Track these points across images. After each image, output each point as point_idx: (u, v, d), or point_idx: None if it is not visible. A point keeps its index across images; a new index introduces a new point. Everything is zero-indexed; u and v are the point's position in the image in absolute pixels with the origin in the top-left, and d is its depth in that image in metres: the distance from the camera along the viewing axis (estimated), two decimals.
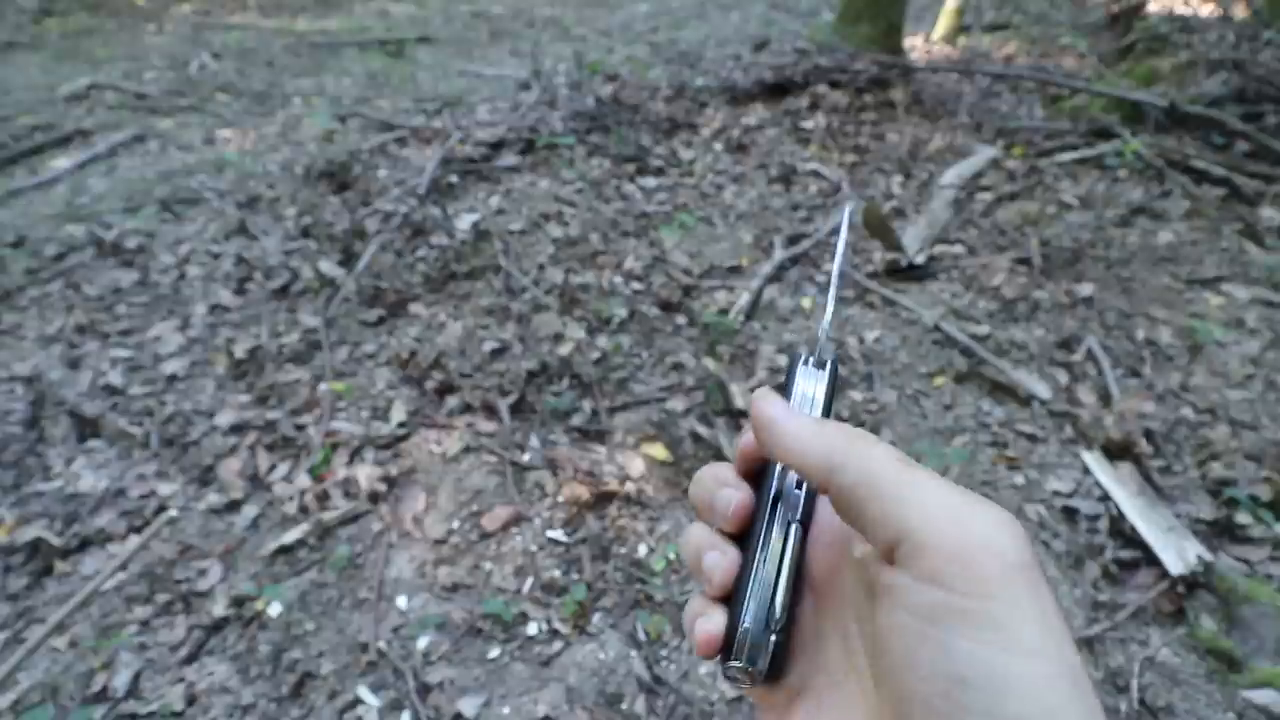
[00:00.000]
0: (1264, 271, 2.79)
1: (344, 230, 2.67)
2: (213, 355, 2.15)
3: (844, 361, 2.26)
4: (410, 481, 1.81)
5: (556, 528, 1.71)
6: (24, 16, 5.49)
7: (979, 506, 0.27)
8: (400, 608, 1.55)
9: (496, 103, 4.01)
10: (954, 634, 0.25)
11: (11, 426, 1.88)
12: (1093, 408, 2.14)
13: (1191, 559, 1.62)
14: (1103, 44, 5.47)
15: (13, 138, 3.49)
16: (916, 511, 0.27)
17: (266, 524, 1.71)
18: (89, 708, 1.35)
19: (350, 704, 1.38)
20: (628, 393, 2.10)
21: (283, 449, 1.87)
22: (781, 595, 0.33)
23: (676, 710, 1.39)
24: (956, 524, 0.26)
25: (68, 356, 2.12)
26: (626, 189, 3.15)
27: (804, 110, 3.96)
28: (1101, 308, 2.57)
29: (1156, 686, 1.46)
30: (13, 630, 1.47)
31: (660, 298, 2.47)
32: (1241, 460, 1.96)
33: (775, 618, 0.33)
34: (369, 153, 3.32)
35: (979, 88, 4.65)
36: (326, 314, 2.29)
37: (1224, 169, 3.36)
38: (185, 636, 1.48)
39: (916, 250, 2.81)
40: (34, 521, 1.66)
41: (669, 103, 3.91)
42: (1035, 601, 0.25)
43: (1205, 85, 3.97)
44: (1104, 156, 3.57)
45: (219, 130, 3.70)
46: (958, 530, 0.26)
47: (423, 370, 2.10)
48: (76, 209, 2.90)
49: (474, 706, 1.38)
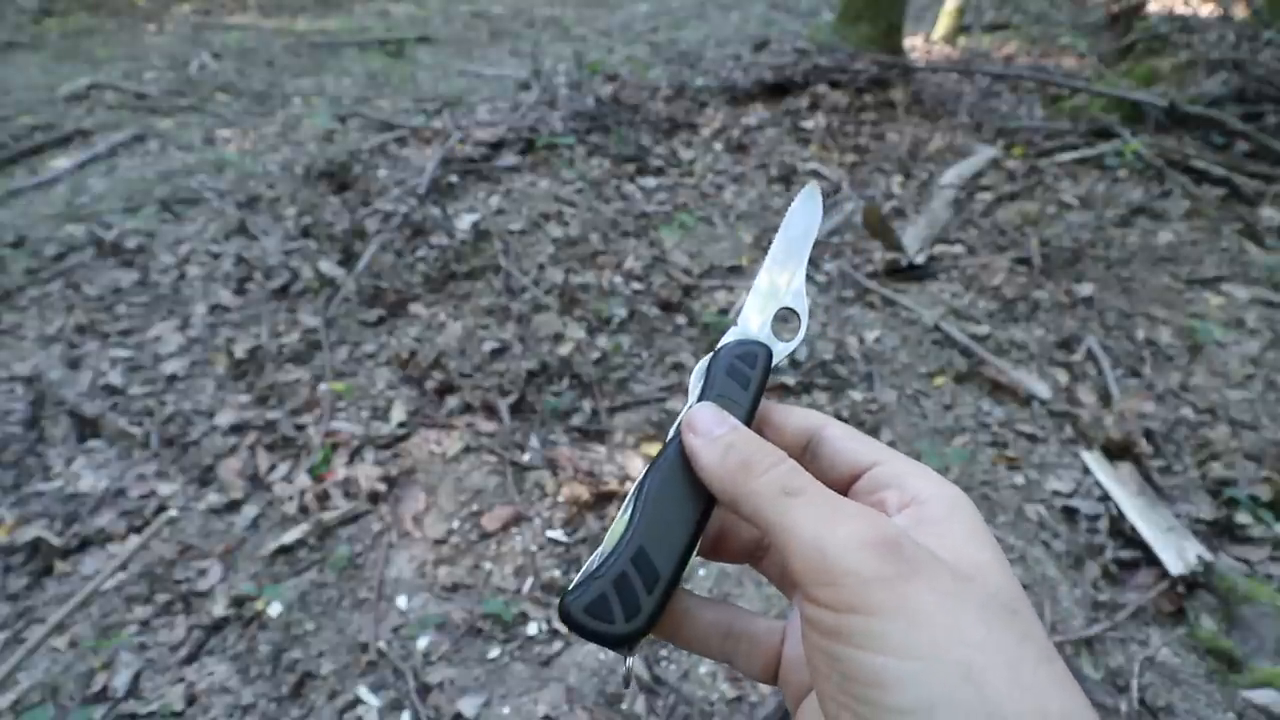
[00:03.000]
0: (1264, 271, 2.79)
1: (344, 230, 2.67)
2: (213, 355, 2.15)
3: (843, 361, 2.26)
4: (410, 481, 1.81)
5: (556, 528, 1.71)
6: (24, 16, 5.49)
7: (841, 525, 0.29)
8: (400, 608, 1.55)
9: (496, 103, 4.01)
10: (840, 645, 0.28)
11: (11, 426, 1.88)
12: (1093, 408, 2.14)
13: (1191, 559, 1.62)
14: (1103, 44, 5.47)
15: (13, 138, 3.49)
16: (789, 545, 0.30)
17: (266, 524, 1.71)
18: (89, 708, 1.35)
19: (350, 704, 1.38)
20: (628, 393, 2.10)
21: (283, 449, 1.87)
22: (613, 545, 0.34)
23: (676, 710, 1.39)
24: (820, 553, 0.29)
25: (68, 356, 2.12)
26: (626, 189, 3.15)
27: (804, 110, 3.96)
28: (1101, 308, 2.57)
29: (1156, 686, 1.46)
30: (13, 630, 1.47)
31: (660, 298, 2.47)
32: (1241, 460, 1.96)
33: (605, 560, 0.34)
34: (369, 153, 3.32)
35: (979, 88, 4.65)
36: (326, 314, 2.29)
37: (1224, 169, 3.36)
38: (185, 636, 1.48)
39: (916, 250, 2.81)
40: (34, 521, 1.66)
41: (669, 103, 3.91)
42: (904, 610, 0.27)
43: (1205, 85, 3.97)
44: (1104, 156, 3.57)
45: (219, 130, 3.70)
46: (820, 560, 0.29)
47: (423, 370, 2.10)
48: (76, 209, 2.90)
49: (474, 706, 1.38)
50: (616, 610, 0.33)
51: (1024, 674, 0.26)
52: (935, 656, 0.26)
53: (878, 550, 0.28)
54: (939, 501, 0.33)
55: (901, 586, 0.27)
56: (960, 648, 0.26)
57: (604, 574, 0.34)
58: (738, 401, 0.37)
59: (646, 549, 0.34)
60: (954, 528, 0.32)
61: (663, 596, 0.34)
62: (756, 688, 1.43)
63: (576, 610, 0.33)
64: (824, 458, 0.37)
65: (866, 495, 0.35)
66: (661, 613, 0.34)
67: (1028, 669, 0.26)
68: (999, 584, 0.29)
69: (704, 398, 0.37)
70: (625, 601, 0.33)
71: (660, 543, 0.34)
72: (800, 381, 2.16)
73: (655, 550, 0.34)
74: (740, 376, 0.37)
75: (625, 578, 0.33)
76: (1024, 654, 0.26)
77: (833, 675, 0.28)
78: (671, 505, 0.35)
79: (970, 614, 0.27)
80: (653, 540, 0.34)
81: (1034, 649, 0.27)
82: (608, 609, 0.33)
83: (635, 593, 0.33)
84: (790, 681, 0.36)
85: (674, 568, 0.34)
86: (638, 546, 0.34)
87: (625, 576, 0.33)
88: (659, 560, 0.34)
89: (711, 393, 0.37)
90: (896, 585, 0.27)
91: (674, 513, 0.35)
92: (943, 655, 0.26)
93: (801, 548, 0.29)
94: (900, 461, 0.35)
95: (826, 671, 0.28)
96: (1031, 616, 0.29)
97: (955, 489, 0.34)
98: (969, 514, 0.32)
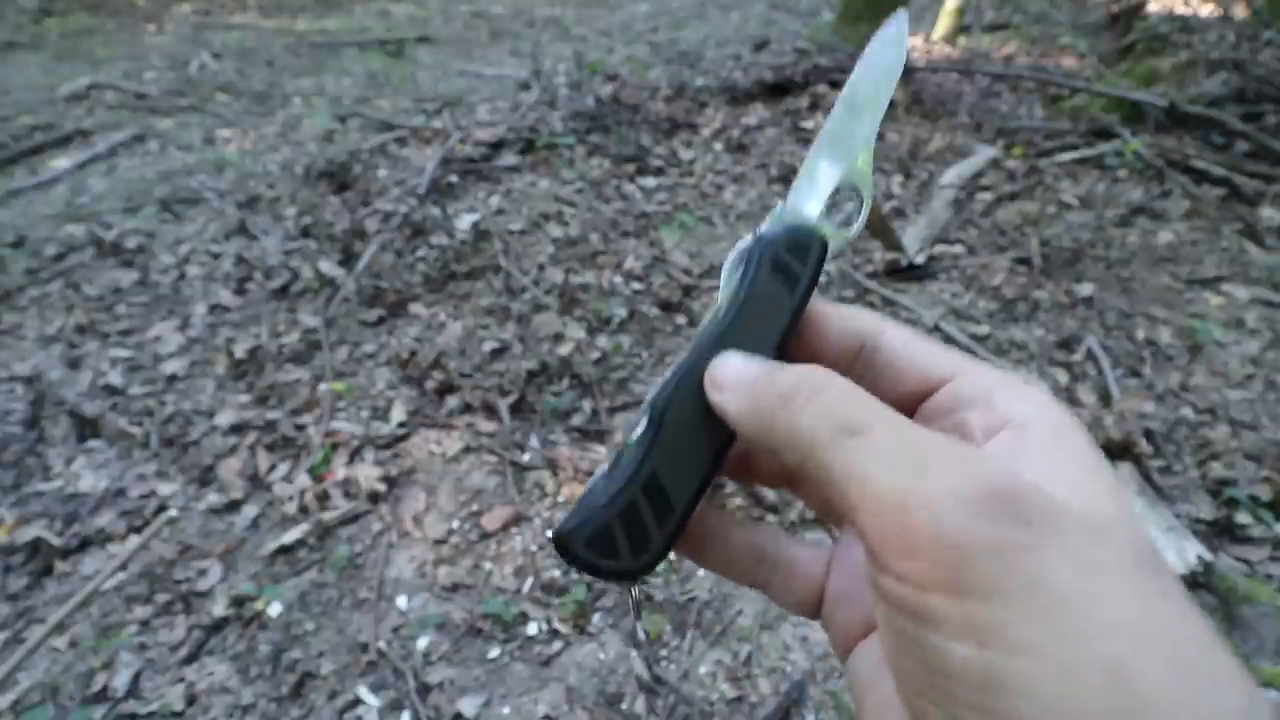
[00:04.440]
0: (1264, 271, 2.79)
1: (344, 230, 2.67)
2: (213, 355, 2.15)
3: None
4: (410, 481, 1.81)
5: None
6: (24, 16, 5.49)
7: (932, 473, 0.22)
8: (400, 608, 1.55)
9: (496, 103, 4.01)
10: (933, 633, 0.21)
11: (11, 426, 1.88)
12: (1093, 408, 2.14)
13: (1191, 559, 1.62)
14: (1103, 44, 5.47)
15: (13, 138, 3.49)
16: (858, 502, 0.23)
17: (266, 524, 1.71)
18: (89, 708, 1.35)
19: (350, 704, 1.38)
20: (628, 393, 2.10)
21: (283, 449, 1.87)
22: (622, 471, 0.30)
23: (676, 710, 1.39)
24: (903, 513, 0.22)
25: (68, 356, 2.12)
26: (626, 189, 3.15)
27: (804, 110, 3.96)
28: (1101, 308, 2.57)
29: None
30: (13, 630, 1.47)
31: (660, 298, 2.47)
32: (1241, 460, 1.96)
33: (613, 487, 0.30)
34: (369, 153, 3.32)
35: (979, 88, 4.65)
36: (326, 314, 2.29)
37: (1224, 169, 3.36)
38: (185, 636, 1.48)
39: (916, 250, 2.81)
40: (34, 521, 1.66)
41: (669, 103, 3.91)
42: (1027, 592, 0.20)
43: (1205, 85, 3.97)
44: (1104, 156, 3.57)
45: (219, 130, 3.70)
46: (903, 523, 0.22)
47: (423, 370, 2.10)
48: (76, 209, 2.90)
49: (474, 706, 1.38)
50: (622, 544, 0.29)
51: (1195, 663, 0.19)
52: (1072, 654, 0.19)
53: (989, 507, 0.21)
54: (1043, 423, 0.25)
55: (1023, 559, 0.20)
56: (1106, 640, 0.19)
57: (610, 503, 0.29)
58: (782, 306, 0.30)
59: (660, 477, 0.30)
60: (1069, 460, 0.24)
61: (675, 529, 0.30)
62: (757, 687, 1.43)
63: (577, 543, 0.29)
64: (882, 370, 0.30)
65: (943, 417, 0.28)
66: (672, 546, 0.30)
67: (1194, 652, 0.20)
68: (1134, 535, 0.22)
69: (741, 297, 0.30)
70: (632, 534, 0.29)
71: (676, 470, 0.30)
72: None
73: (670, 479, 0.30)
74: (788, 274, 0.31)
75: (634, 508, 0.29)
76: (1185, 629, 0.20)
77: (918, 668, 0.22)
78: (692, 428, 0.30)
79: (1117, 587, 0.20)
80: (667, 467, 0.30)
81: (1192, 618, 0.20)
82: (612, 542, 0.29)
83: (644, 525, 0.30)
84: (837, 620, 0.30)
85: (689, 499, 0.30)
86: (650, 472, 0.29)
87: (635, 506, 0.29)
88: (673, 490, 0.30)
89: (749, 293, 0.30)
90: (1018, 557, 0.20)
91: (694, 436, 0.30)
92: (1082, 651, 0.19)
93: (876, 506, 0.22)
94: (984, 372, 0.28)
95: (911, 663, 0.22)
96: (1170, 570, 0.22)
97: (1061, 406, 0.26)
98: (1083, 440, 0.25)
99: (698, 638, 1.51)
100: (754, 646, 1.50)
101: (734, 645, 1.50)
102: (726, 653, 1.49)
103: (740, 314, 0.30)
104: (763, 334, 0.30)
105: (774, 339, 0.30)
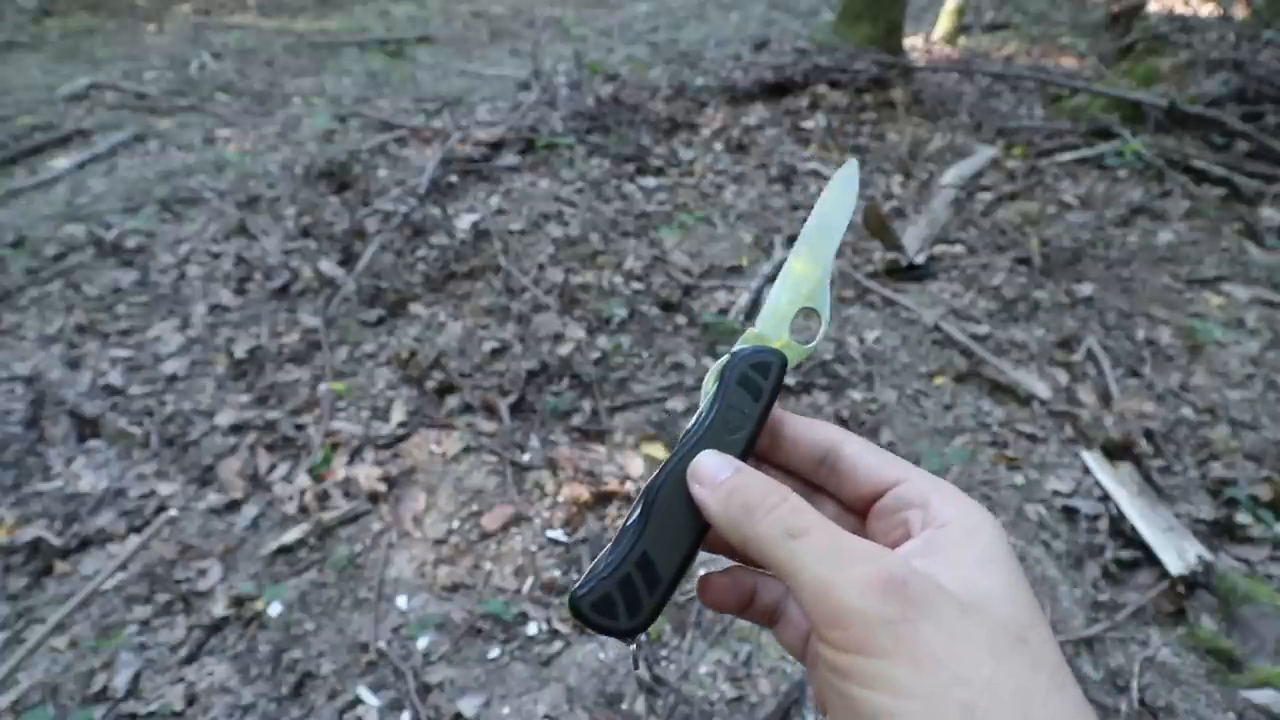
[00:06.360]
0: (1264, 271, 2.79)
1: (344, 230, 2.67)
2: (213, 355, 2.15)
3: (844, 361, 2.26)
4: (410, 481, 1.81)
5: (556, 528, 1.71)
6: (24, 16, 5.49)
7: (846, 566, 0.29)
8: (400, 608, 1.55)
9: (496, 103, 4.01)
10: (849, 684, 0.28)
11: (11, 426, 1.88)
12: (1093, 408, 2.14)
13: (1191, 559, 1.62)
14: (1103, 44, 5.47)
15: (13, 138, 3.49)
16: (797, 586, 0.30)
17: (266, 524, 1.71)
18: (89, 708, 1.35)
19: (350, 704, 1.38)
20: (628, 393, 2.10)
21: (283, 449, 1.87)
22: (620, 547, 0.37)
23: (676, 710, 1.39)
24: (826, 595, 0.29)
25: (68, 356, 2.12)
26: (626, 189, 3.15)
27: (804, 110, 3.96)
28: (1101, 308, 2.57)
29: (1156, 686, 1.46)
30: (13, 630, 1.47)
31: (660, 298, 2.47)
32: (1241, 460, 1.96)
33: (610, 563, 0.37)
34: (369, 153, 3.32)
35: (979, 88, 4.65)
36: (326, 314, 2.29)
37: (1224, 169, 3.36)
38: (185, 636, 1.48)
39: (916, 250, 2.81)
40: (34, 521, 1.66)
41: (669, 103, 3.91)
42: (908, 653, 0.27)
43: (1205, 85, 3.97)
44: (1104, 156, 3.57)
45: (219, 130, 3.70)
46: (827, 601, 0.29)
47: (423, 370, 2.10)
48: (76, 209, 2.90)
49: (474, 706, 1.38)
50: (620, 608, 0.36)
51: (1033, 708, 0.26)
52: (939, 697, 0.26)
53: (883, 591, 0.28)
54: (959, 525, 0.32)
55: (906, 629, 0.27)
56: (962, 687, 0.26)
57: (611, 574, 0.36)
58: (747, 414, 0.38)
59: (650, 554, 0.36)
60: (969, 553, 0.31)
61: (664, 596, 0.37)
62: (757, 687, 1.43)
63: (585, 607, 0.36)
64: (844, 474, 0.37)
65: (889, 515, 0.36)
66: (662, 609, 0.37)
67: (1037, 701, 0.26)
68: (1009, 612, 0.29)
69: (715, 406, 0.38)
70: (628, 600, 0.36)
71: (664, 549, 0.37)
72: (800, 382, 2.16)
73: (659, 555, 0.36)
74: (752, 386, 0.38)
75: (630, 579, 0.36)
76: (1034, 684, 0.26)
77: (842, 712, 0.29)
78: (676, 514, 0.37)
79: (976, 649, 0.27)
80: (657, 546, 0.37)
81: (1045, 678, 0.27)
82: (612, 607, 0.36)
83: (638, 593, 0.36)
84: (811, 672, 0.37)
85: (675, 572, 0.37)
86: (642, 551, 0.36)
87: (630, 578, 0.36)
88: (662, 565, 0.36)
89: (722, 403, 0.38)
90: (902, 627, 0.27)
91: (678, 521, 0.37)
92: (944, 695, 0.26)
93: (809, 589, 0.30)
94: (924, 480, 0.35)
95: (837, 707, 0.29)
96: (1044, 642, 0.28)
97: (980, 511, 0.33)
98: (988, 537, 0.32)
99: (698, 638, 1.51)
100: (754, 646, 1.50)
101: (734, 645, 1.50)
102: (726, 653, 1.49)
103: (715, 419, 0.38)
104: (734, 436, 0.38)
105: (743, 440, 0.38)
